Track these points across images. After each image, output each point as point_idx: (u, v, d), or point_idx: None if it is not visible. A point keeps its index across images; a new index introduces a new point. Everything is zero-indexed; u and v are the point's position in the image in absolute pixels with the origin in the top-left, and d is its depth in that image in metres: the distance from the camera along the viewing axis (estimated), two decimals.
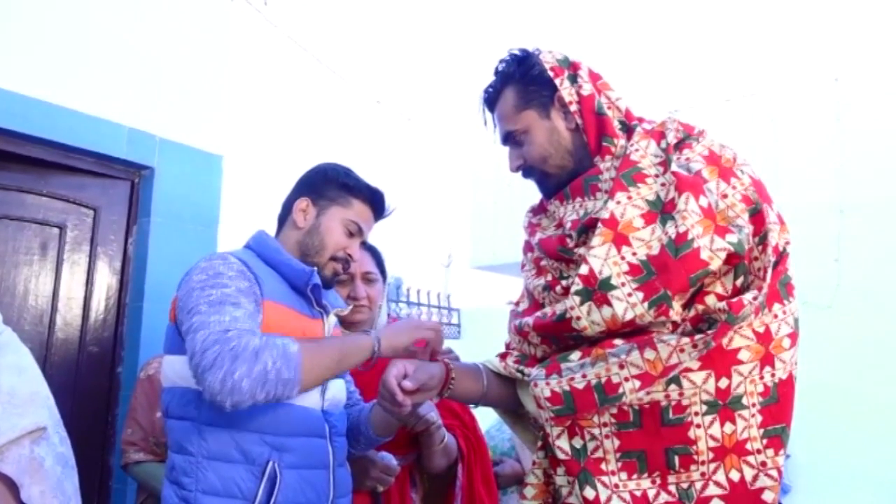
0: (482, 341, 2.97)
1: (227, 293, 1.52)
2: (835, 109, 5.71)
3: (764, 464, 1.30)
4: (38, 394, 1.47)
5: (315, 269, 1.71)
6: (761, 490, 1.30)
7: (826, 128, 5.72)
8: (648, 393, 1.32)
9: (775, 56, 6.25)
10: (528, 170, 1.60)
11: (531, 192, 1.71)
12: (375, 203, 1.83)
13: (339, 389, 1.77)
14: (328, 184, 1.80)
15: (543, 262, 1.56)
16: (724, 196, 1.36)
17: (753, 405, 1.31)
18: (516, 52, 1.60)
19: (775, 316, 1.33)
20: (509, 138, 1.60)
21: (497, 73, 1.61)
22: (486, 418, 2.25)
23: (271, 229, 1.86)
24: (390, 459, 1.92)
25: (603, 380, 1.33)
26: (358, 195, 1.80)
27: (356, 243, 1.81)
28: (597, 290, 1.34)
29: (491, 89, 1.62)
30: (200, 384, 1.41)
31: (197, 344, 1.43)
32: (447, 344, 1.69)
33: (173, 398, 1.62)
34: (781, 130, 5.95)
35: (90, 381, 2.91)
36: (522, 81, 1.56)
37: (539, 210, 1.69)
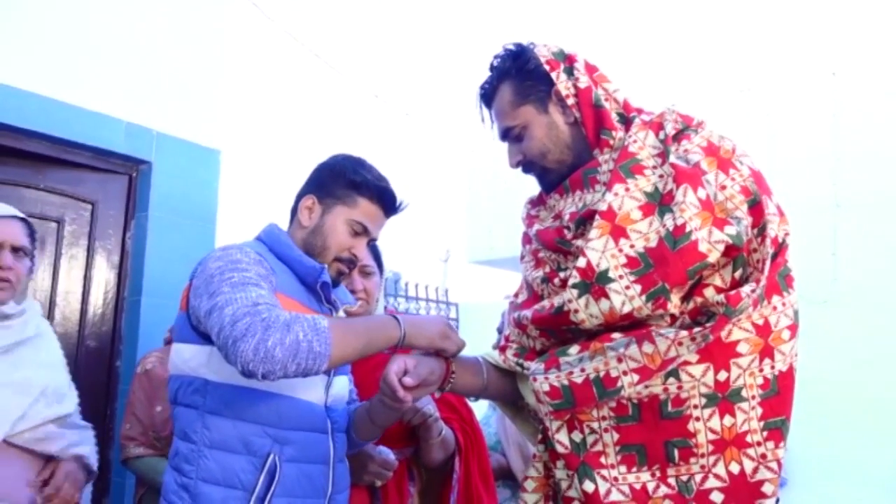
0: (480, 335, 2.97)
1: (247, 276, 1.49)
2: (832, 104, 5.71)
3: (764, 456, 1.30)
4: (69, 385, 2.13)
5: (325, 266, 1.69)
6: (761, 483, 1.30)
7: (823, 123, 5.72)
8: (647, 386, 1.31)
9: (771, 51, 6.25)
10: (527, 165, 1.58)
11: (528, 188, 1.70)
12: (385, 201, 1.76)
13: (342, 386, 1.77)
14: (335, 181, 1.74)
15: (542, 254, 1.56)
16: (723, 187, 1.35)
17: (753, 398, 1.31)
18: (511, 47, 1.57)
19: (774, 308, 1.33)
20: (508, 134, 1.58)
21: (492, 68, 1.59)
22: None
23: (266, 224, 1.84)
24: (388, 454, 1.92)
25: (601, 374, 1.32)
26: (365, 193, 1.73)
27: (362, 242, 1.75)
28: (594, 283, 1.33)
29: (487, 85, 1.60)
30: (231, 356, 1.35)
31: (226, 318, 1.38)
32: None
33: (181, 386, 1.61)
34: (778, 125, 5.95)
35: (89, 375, 2.91)
36: (518, 77, 1.54)
37: (538, 202, 1.67)
